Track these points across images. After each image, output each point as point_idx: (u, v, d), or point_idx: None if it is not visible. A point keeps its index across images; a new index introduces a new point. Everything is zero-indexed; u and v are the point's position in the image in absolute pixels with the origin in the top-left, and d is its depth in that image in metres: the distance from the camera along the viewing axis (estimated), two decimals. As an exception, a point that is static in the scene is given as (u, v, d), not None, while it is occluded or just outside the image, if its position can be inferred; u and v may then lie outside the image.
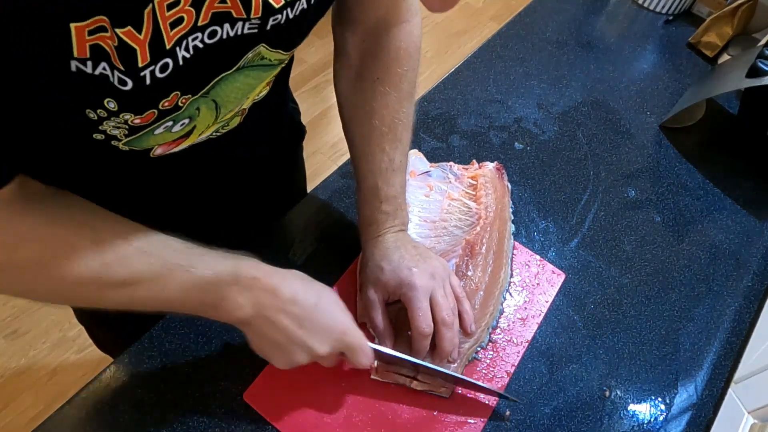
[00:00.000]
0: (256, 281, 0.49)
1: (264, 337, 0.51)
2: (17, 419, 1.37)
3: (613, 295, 0.72)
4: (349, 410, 0.59)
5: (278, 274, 0.51)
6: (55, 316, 1.53)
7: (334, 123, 2.01)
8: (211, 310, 0.49)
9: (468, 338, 0.63)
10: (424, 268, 0.59)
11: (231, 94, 0.46)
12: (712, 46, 1.04)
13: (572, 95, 0.96)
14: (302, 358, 0.52)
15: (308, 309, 0.51)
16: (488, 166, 0.79)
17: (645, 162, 0.88)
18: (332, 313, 0.53)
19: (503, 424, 0.60)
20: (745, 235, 0.81)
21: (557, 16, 1.10)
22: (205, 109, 0.45)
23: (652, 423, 0.63)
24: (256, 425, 0.57)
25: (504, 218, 0.75)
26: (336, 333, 0.52)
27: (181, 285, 0.46)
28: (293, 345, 0.51)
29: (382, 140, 0.61)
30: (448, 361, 0.61)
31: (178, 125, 0.44)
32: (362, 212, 0.64)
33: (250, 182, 0.73)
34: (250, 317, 0.49)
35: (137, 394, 0.58)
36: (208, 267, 0.47)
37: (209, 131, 0.50)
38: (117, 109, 0.37)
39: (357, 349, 0.53)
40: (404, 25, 0.60)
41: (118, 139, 0.41)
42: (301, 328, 0.50)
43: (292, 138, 0.82)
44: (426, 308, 0.58)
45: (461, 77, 0.96)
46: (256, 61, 0.44)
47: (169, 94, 0.39)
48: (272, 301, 0.49)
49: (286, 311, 0.50)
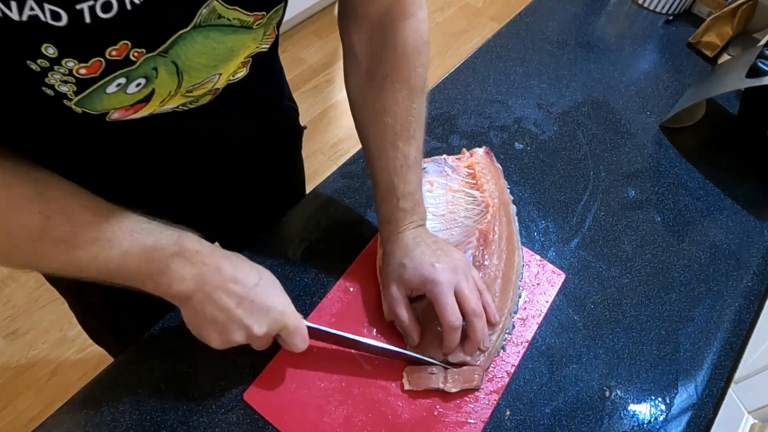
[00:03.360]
0: (199, 255, 0.49)
1: (201, 313, 0.51)
2: (17, 419, 1.37)
3: (613, 295, 0.72)
4: (349, 410, 0.59)
5: (219, 252, 0.51)
6: (55, 316, 1.53)
7: (334, 123, 2.01)
8: (149, 281, 0.49)
9: (494, 329, 0.64)
10: (446, 263, 0.60)
11: (194, 57, 0.44)
12: (712, 46, 1.04)
13: (572, 95, 0.96)
14: (238, 337, 0.52)
15: (248, 288, 0.51)
16: (479, 153, 0.80)
17: (645, 162, 0.88)
18: (271, 294, 0.53)
19: (503, 424, 0.60)
20: (745, 235, 0.81)
21: (557, 16, 1.10)
22: (165, 72, 0.44)
23: (652, 423, 0.63)
24: (256, 425, 0.57)
25: (506, 200, 0.76)
26: (274, 313, 0.53)
27: (122, 249, 0.46)
28: (231, 323, 0.51)
29: (396, 138, 0.61)
30: (479, 350, 0.61)
31: (133, 85, 0.43)
32: (380, 211, 0.64)
33: (245, 179, 0.72)
34: (191, 291, 0.49)
35: (137, 394, 0.58)
36: (152, 234, 0.47)
37: (174, 101, 0.49)
38: (57, 55, 0.36)
39: (293, 330, 0.54)
40: (410, 20, 0.60)
41: (69, 98, 0.40)
42: (239, 306, 0.51)
43: (289, 137, 0.82)
44: (453, 302, 0.58)
45: (461, 77, 0.96)
46: (213, 19, 0.43)
47: (117, 42, 0.38)
48: (214, 276, 0.50)
49: (227, 289, 0.50)
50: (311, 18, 2.44)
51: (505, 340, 0.65)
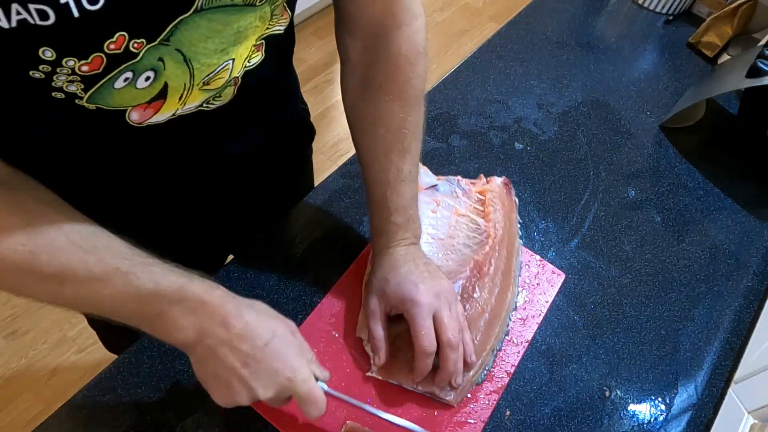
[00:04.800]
0: (204, 306, 0.45)
1: (205, 367, 0.48)
2: (17, 419, 1.37)
3: (613, 295, 0.72)
4: (349, 410, 0.59)
5: (233, 303, 0.47)
6: (55, 316, 1.53)
7: (334, 123, 2.01)
8: (146, 325, 0.46)
9: (469, 369, 0.61)
10: (430, 286, 0.58)
11: (199, 43, 0.42)
12: (712, 46, 1.04)
13: (572, 95, 0.96)
14: (243, 399, 0.47)
15: (257, 348, 0.47)
16: (496, 181, 0.77)
17: (645, 162, 0.88)
18: (283, 355, 0.48)
19: (503, 424, 0.60)
20: (745, 235, 0.81)
21: (557, 16, 1.10)
22: (172, 62, 0.42)
23: (652, 423, 0.63)
24: (256, 425, 0.57)
25: (512, 234, 0.73)
26: (281, 378, 0.47)
27: (115, 291, 0.43)
28: (235, 383, 0.47)
29: (389, 150, 0.59)
30: (450, 386, 0.59)
31: (142, 79, 0.41)
32: (373, 222, 0.63)
33: (256, 179, 0.72)
34: (192, 342, 0.46)
35: (137, 394, 0.58)
36: (152, 279, 0.44)
37: (194, 98, 0.47)
38: (55, 56, 0.35)
39: (304, 398, 0.49)
40: (404, 28, 0.58)
41: (80, 97, 0.39)
42: (245, 367, 0.46)
43: (302, 137, 0.81)
44: (429, 326, 0.56)
45: (461, 77, 0.96)
46: (214, 1, 0.41)
47: (113, 35, 0.37)
48: (219, 331, 0.46)
49: (232, 346, 0.46)
50: (311, 18, 2.44)
51: (482, 378, 0.62)
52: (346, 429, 0.57)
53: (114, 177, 0.55)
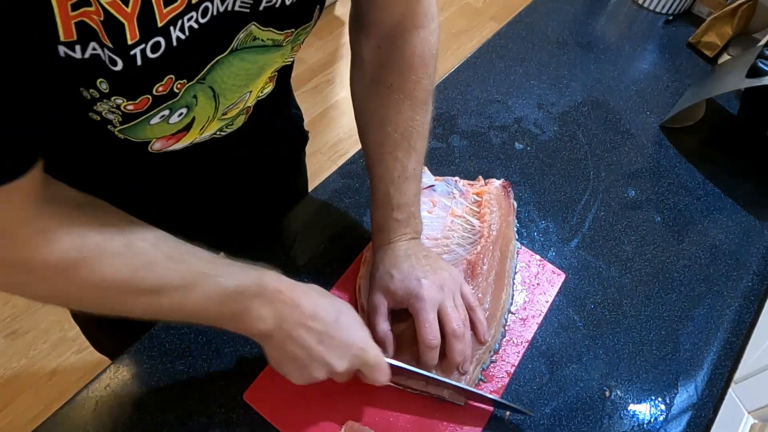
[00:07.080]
0: (280, 294, 0.49)
1: (283, 351, 0.51)
2: (17, 419, 1.37)
3: (613, 295, 0.72)
4: (349, 410, 0.59)
5: (300, 288, 0.51)
6: (55, 317, 1.53)
7: (334, 123, 2.01)
8: (232, 322, 0.49)
9: (481, 347, 0.62)
10: (434, 280, 0.59)
11: (228, 80, 0.45)
12: (712, 46, 1.04)
13: (572, 95, 0.96)
14: (320, 374, 0.52)
15: (328, 324, 0.51)
16: (494, 184, 0.77)
17: (645, 162, 0.88)
18: (352, 329, 0.53)
19: (503, 424, 0.60)
20: (745, 235, 0.81)
21: (557, 16, 1.10)
22: (203, 97, 0.44)
23: (652, 423, 0.63)
24: (256, 425, 0.57)
25: (508, 237, 0.72)
26: (354, 349, 0.52)
27: (205, 294, 0.46)
28: (312, 361, 0.51)
29: (395, 148, 0.60)
30: (459, 372, 0.60)
31: (176, 115, 0.43)
32: (375, 218, 0.63)
33: (251, 184, 0.73)
34: (272, 330, 0.49)
35: (137, 394, 0.58)
36: (235, 277, 0.47)
37: (212, 128, 0.50)
38: (108, 91, 0.36)
39: (374, 366, 0.53)
40: (420, 30, 0.59)
41: (114, 125, 0.41)
42: (320, 343, 0.50)
43: (295, 143, 0.82)
44: (433, 320, 0.57)
45: (461, 77, 0.96)
46: (248, 42, 0.43)
47: (164, 78, 0.38)
48: (294, 315, 0.50)
49: (307, 326, 0.50)
50: (311, 18, 2.44)
51: (480, 377, 0.63)
52: (346, 429, 0.57)
53: (114, 177, 0.55)
